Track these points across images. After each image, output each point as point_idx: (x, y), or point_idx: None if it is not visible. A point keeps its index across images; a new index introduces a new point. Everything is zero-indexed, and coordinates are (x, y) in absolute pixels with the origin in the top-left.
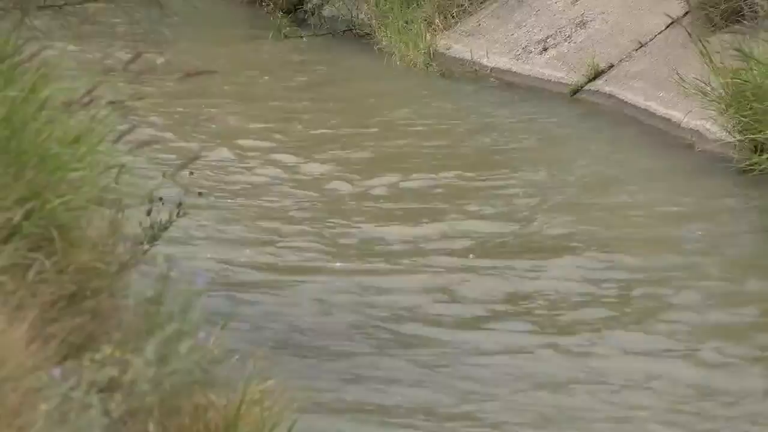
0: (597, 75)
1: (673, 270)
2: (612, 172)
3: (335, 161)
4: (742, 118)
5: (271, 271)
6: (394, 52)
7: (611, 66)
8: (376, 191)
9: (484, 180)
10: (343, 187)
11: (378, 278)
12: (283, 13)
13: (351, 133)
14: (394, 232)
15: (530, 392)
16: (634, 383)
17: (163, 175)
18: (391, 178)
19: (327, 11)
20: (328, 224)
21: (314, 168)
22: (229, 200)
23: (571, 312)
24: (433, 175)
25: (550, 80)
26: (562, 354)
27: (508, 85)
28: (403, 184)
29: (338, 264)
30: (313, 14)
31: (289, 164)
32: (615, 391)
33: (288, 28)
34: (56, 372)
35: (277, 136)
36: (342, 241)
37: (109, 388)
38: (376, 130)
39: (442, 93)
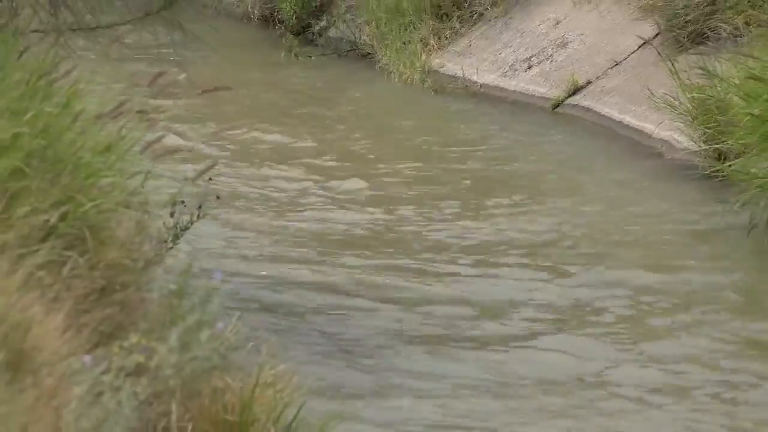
0: (576, 90)
1: (680, 279)
2: (610, 186)
3: (344, 173)
4: (707, 130)
5: (293, 278)
6: (393, 70)
7: (589, 82)
8: (396, 203)
9: (491, 198)
10: (363, 203)
11: (405, 289)
12: (293, 34)
13: (359, 148)
14: (416, 240)
15: (540, 393)
16: (645, 388)
17: (185, 179)
18: (415, 192)
19: (332, 33)
20: (350, 238)
21: (327, 181)
22: (246, 212)
23: (583, 317)
24: (456, 196)
25: (534, 95)
26: (573, 356)
27: (497, 99)
28: (429, 201)
29: (369, 274)
30: (320, 36)
31: (304, 176)
32: (625, 393)
33: (298, 49)
34: (87, 359)
35: (291, 150)
36: (372, 253)
37: (136, 372)
38: (387, 148)
39: (439, 109)
